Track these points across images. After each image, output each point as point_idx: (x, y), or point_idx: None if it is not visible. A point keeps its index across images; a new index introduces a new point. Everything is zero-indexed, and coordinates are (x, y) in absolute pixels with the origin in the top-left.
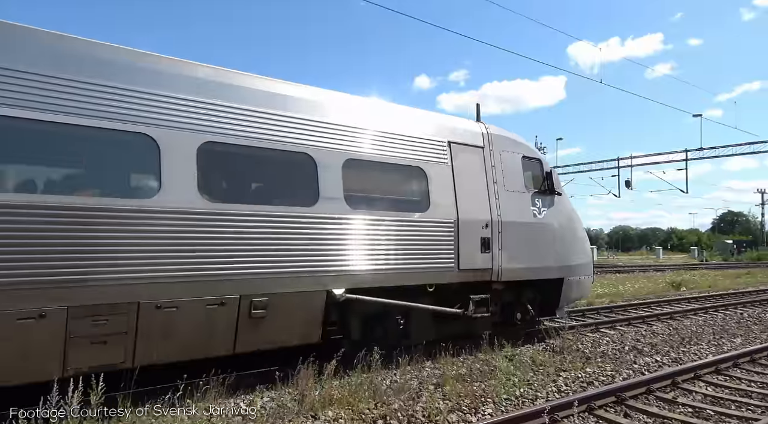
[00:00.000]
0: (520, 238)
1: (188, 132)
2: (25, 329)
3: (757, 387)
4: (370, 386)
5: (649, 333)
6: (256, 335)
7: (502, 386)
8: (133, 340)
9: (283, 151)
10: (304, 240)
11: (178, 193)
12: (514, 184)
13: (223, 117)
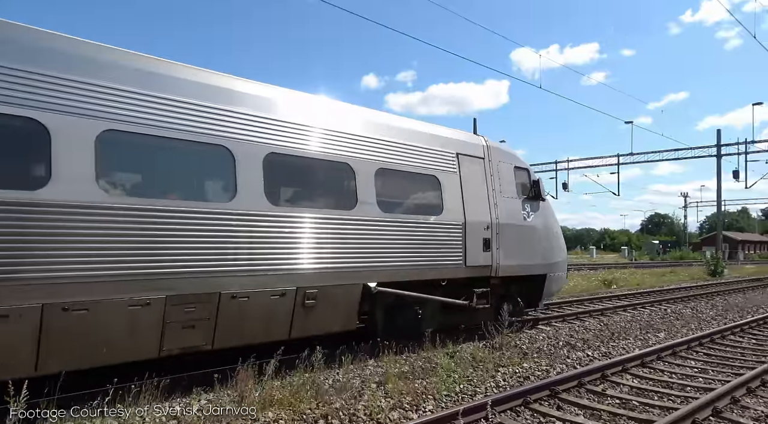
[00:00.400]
0: (514, 238)
1: (255, 146)
2: (134, 315)
3: (678, 378)
4: (312, 385)
5: (582, 329)
6: (307, 321)
7: (443, 383)
8: (214, 325)
9: (329, 161)
10: (345, 239)
11: (250, 198)
12: (509, 190)
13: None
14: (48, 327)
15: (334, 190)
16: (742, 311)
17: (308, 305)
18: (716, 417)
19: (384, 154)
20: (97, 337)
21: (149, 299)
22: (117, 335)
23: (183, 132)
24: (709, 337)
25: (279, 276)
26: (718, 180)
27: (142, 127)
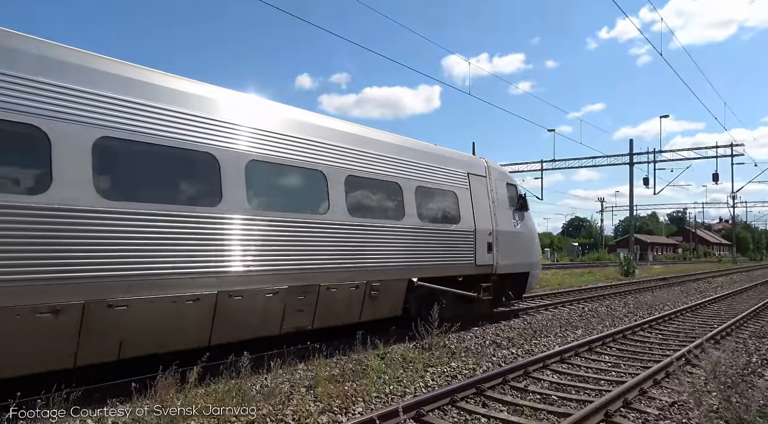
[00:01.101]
0: (508, 242)
1: (341, 169)
2: (268, 301)
3: (593, 372)
4: (238, 392)
5: (507, 328)
6: (372, 308)
7: (373, 385)
8: (313, 310)
9: (387, 182)
10: (398, 243)
11: (339, 211)
12: (503, 203)
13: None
14: (220, 309)
15: (389, 204)
16: (650, 309)
17: (373, 295)
18: (626, 408)
19: (421, 175)
20: (248, 317)
21: (278, 288)
22: (260, 316)
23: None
24: (621, 333)
25: (356, 272)
26: (631, 186)
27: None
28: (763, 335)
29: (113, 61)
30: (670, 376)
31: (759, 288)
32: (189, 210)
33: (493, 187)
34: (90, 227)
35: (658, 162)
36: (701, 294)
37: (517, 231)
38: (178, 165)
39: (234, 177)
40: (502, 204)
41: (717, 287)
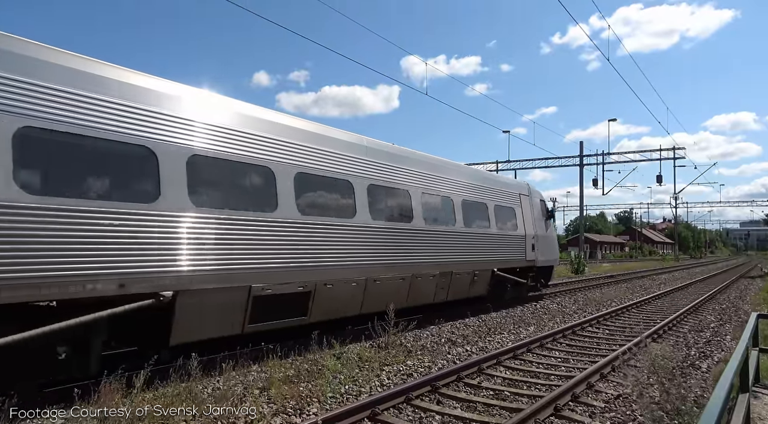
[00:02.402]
0: (542, 243)
1: (457, 195)
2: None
3: (544, 368)
4: (188, 396)
5: (463, 326)
6: (474, 288)
7: (328, 385)
8: (447, 288)
9: (479, 202)
10: (487, 244)
11: (459, 223)
12: (539, 214)
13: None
14: (368, 288)
15: (480, 216)
16: (599, 305)
17: (475, 279)
18: (575, 402)
19: (497, 197)
20: (382, 294)
21: (402, 277)
22: (387, 294)
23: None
24: (571, 329)
25: (469, 264)
26: (581, 187)
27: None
28: (701, 329)
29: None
30: (615, 370)
31: (698, 285)
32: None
33: (532, 203)
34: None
35: (607, 164)
36: (646, 291)
37: (547, 235)
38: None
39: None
40: (538, 215)
41: (660, 283)
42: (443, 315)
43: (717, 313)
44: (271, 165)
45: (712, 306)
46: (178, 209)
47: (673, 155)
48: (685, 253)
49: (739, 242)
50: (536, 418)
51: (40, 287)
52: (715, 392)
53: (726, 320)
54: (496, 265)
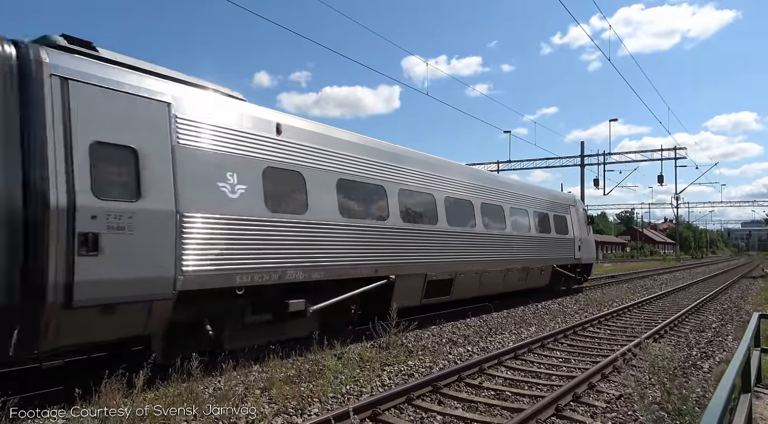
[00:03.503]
0: (585, 244)
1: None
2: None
3: (545, 368)
4: (190, 396)
5: (464, 326)
6: (540, 279)
7: (329, 385)
8: (526, 277)
9: (547, 213)
10: (548, 245)
11: (533, 231)
12: (582, 220)
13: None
14: (482, 278)
15: (545, 224)
16: (600, 305)
17: (542, 274)
18: (576, 402)
19: (554, 208)
20: (490, 283)
21: (501, 270)
22: (492, 283)
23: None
24: (572, 329)
25: (539, 260)
26: (582, 187)
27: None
28: (703, 329)
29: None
30: (617, 370)
31: (700, 285)
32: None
33: (578, 211)
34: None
35: (608, 164)
36: (647, 291)
37: (588, 238)
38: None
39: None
40: (582, 221)
41: (662, 283)
42: (504, 305)
43: (718, 313)
44: (385, 184)
45: (714, 306)
46: (399, 224)
47: (675, 155)
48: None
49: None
50: (537, 418)
51: (352, 269)
52: (716, 392)
53: (728, 320)
54: (555, 262)
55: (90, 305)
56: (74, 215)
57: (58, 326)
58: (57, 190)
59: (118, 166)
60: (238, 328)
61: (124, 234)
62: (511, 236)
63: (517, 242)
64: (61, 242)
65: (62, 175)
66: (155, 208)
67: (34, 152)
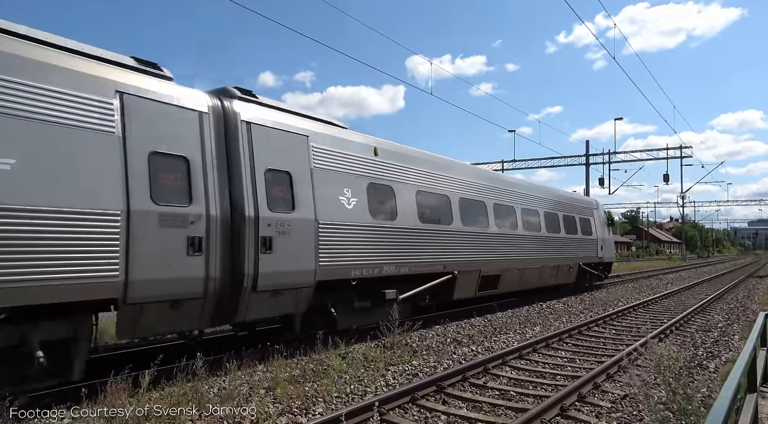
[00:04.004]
0: (606, 244)
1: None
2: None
3: (550, 368)
4: (194, 395)
5: (468, 326)
6: (570, 275)
7: (334, 385)
8: (556, 274)
9: (574, 217)
10: (577, 244)
11: (561, 232)
12: (603, 222)
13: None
14: (522, 274)
15: (572, 226)
16: (605, 305)
17: (570, 271)
18: (581, 402)
19: (581, 211)
20: (529, 278)
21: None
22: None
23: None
24: (577, 329)
25: (567, 259)
26: (587, 186)
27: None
28: (708, 328)
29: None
30: (622, 370)
31: (706, 284)
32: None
33: (600, 214)
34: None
35: (613, 163)
36: (653, 290)
37: (608, 238)
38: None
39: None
40: (603, 223)
41: (667, 283)
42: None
43: (725, 312)
44: (450, 194)
45: (720, 306)
46: (460, 227)
47: (680, 154)
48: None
49: (748, 241)
50: (542, 418)
51: (429, 265)
52: (721, 392)
53: (734, 319)
54: (581, 261)
55: (267, 290)
56: (258, 224)
57: (247, 306)
58: (248, 205)
59: (281, 186)
60: (348, 312)
61: (286, 237)
62: (545, 238)
63: (550, 243)
64: (251, 244)
65: (251, 194)
66: (304, 217)
67: (235, 178)
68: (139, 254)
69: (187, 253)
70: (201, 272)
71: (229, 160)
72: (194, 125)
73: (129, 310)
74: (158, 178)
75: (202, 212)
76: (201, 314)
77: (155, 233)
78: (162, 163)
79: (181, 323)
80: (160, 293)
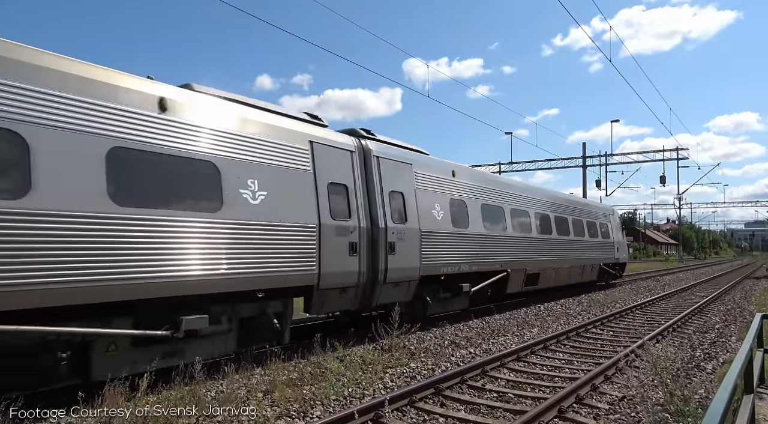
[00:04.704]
0: (620, 246)
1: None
2: (552, 272)
3: (548, 370)
4: (192, 399)
5: (466, 328)
6: (593, 274)
7: (332, 388)
8: (581, 273)
9: (594, 222)
10: (598, 246)
11: (576, 235)
12: (618, 226)
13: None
14: (557, 273)
15: (593, 230)
16: (603, 307)
17: (593, 270)
18: (579, 404)
19: (600, 217)
20: (562, 276)
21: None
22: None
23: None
24: (575, 331)
25: (590, 259)
26: (584, 188)
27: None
28: (706, 330)
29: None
30: (620, 371)
31: (703, 285)
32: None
33: (615, 219)
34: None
35: (610, 165)
36: (650, 292)
37: (622, 241)
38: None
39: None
40: (618, 227)
41: (665, 285)
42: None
43: (722, 314)
44: (503, 205)
45: (717, 307)
46: (511, 233)
47: (677, 156)
48: (690, 254)
49: (744, 243)
50: (540, 420)
51: (490, 264)
52: (718, 393)
53: (731, 320)
54: (601, 261)
55: (391, 282)
56: (387, 232)
57: (379, 294)
58: (380, 218)
59: (397, 203)
60: (436, 301)
61: (402, 242)
62: (573, 241)
63: (578, 246)
64: (383, 247)
65: (382, 210)
66: (412, 227)
67: (371, 198)
68: (325, 254)
69: (349, 254)
70: (356, 268)
71: (367, 185)
72: (348, 160)
73: (320, 294)
74: (333, 200)
75: (356, 224)
76: (354, 298)
77: (333, 239)
78: (334, 190)
79: (344, 304)
80: (335, 282)
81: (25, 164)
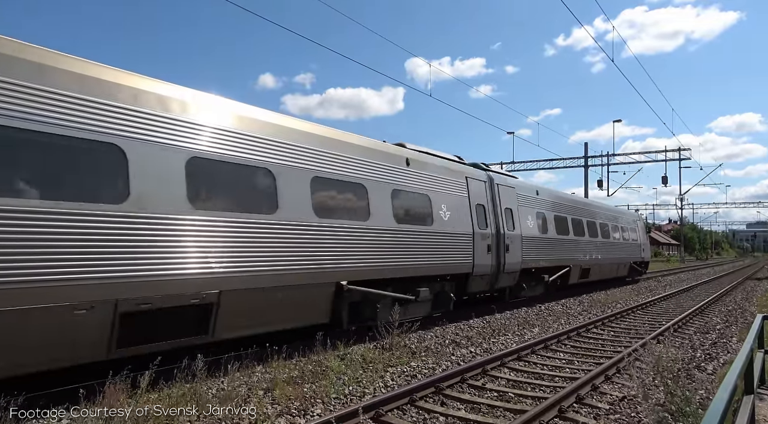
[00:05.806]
0: (645, 248)
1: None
2: (590, 268)
3: (548, 370)
4: (193, 396)
5: (467, 327)
6: (625, 270)
7: (332, 386)
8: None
9: (612, 224)
10: (625, 247)
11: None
12: (643, 230)
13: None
14: (592, 268)
15: (624, 233)
16: (604, 307)
17: (623, 267)
18: (579, 404)
19: (629, 222)
20: (599, 273)
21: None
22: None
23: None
24: (575, 331)
25: (618, 258)
26: (585, 188)
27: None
28: (707, 330)
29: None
30: (620, 371)
31: (704, 286)
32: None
33: (640, 224)
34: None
35: (612, 165)
36: (651, 292)
37: (646, 243)
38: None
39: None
40: (643, 230)
41: (666, 285)
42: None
43: (723, 315)
44: (567, 215)
45: (718, 308)
46: (573, 237)
47: (679, 156)
48: (691, 254)
49: (746, 244)
50: (540, 419)
51: (559, 261)
52: (718, 393)
53: (732, 321)
54: (631, 260)
55: (506, 272)
56: (504, 237)
57: (500, 280)
58: (501, 227)
59: (508, 216)
60: (528, 287)
61: (511, 244)
62: (612, 243)
63: (615, 247)
64: (502, 248)
65: (502, 221)
66: (517, 233)
67: (496, 213)
68: (476, 252)
69: (487, 252)
70: (490, 261)
71: (492, 204)
72: (483, 188)
73: (473, 279)
74: (478, 216)
75: (490, 232)
76: (488, 283)
77: (479, 242)
78: (478, 209)
79: (482, 286)
80: (481, 271)
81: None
